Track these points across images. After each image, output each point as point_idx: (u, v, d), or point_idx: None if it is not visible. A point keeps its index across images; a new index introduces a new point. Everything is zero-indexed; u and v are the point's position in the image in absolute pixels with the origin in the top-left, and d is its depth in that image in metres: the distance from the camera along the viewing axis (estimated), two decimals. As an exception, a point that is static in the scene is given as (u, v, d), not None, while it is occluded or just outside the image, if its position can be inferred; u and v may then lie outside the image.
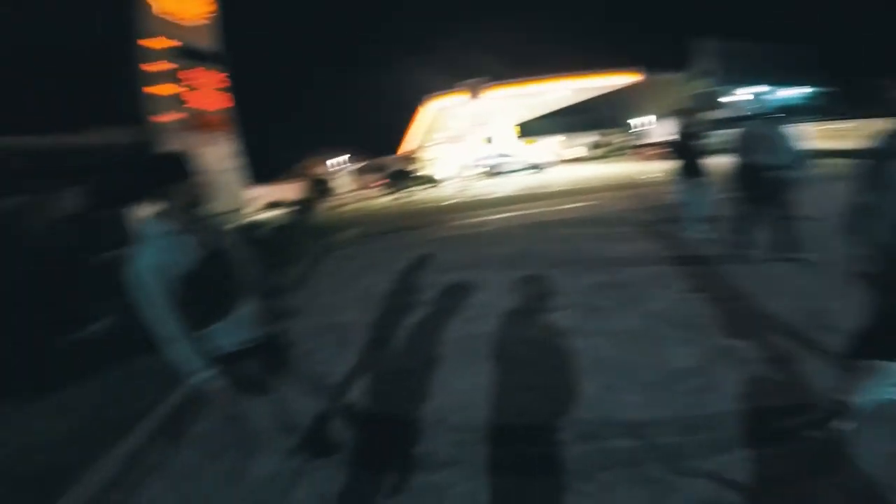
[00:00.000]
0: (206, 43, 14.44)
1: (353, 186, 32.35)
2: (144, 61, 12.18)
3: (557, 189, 13.66)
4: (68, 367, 3.98)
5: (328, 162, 35.32)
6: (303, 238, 8.69)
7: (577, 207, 9.26)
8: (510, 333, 3.51)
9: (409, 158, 30.73)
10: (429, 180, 23.89)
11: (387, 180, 22.85)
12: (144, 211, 1.68)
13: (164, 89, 12.80)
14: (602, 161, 26.12)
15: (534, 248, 6.19)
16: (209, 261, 1.67)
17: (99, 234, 6.78)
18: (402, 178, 22.32)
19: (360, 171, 34.21)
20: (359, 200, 21.54)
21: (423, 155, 31.35)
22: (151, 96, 12.36)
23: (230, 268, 1.78)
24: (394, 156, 36.86)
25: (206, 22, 14.67)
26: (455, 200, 14.75)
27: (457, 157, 29.77)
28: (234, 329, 1.76)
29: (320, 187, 10.68)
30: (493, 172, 23.73)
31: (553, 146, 31.96)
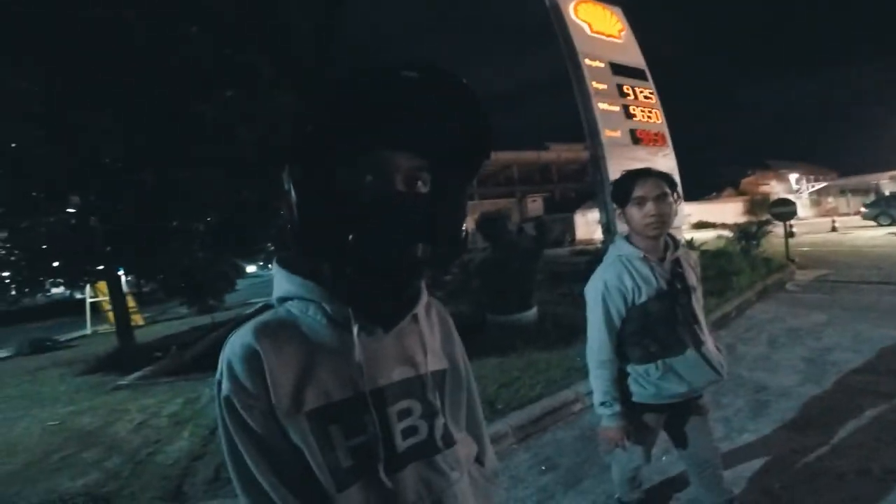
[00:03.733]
0: (633, 60, 14.54)
1: (817, 212, 25.43)
2: (592, 80, 13.37)
3: None
4: (501, 343, 4.58)
5: (790, 178, 29.20)
6: (746, 270, 7.08)
7: None
8: None
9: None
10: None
11: (874, 208, 16.65)
12: (621, 228, 1.65)
13: (611, 106, 13.70)
14: None
15: None
16: (670, 293, 1.53)
17: (546, 234, 7.80)
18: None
19: (828, 193, 26.55)
20: (828, 231, 16.69)
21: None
22: (601, 113, 13.43)
23: (690, 302, 1.57)
24: (888, 173, 26.55)
25: (629, 40, 14.83)
26: None
27: None
28: (684, 373, 1.54)
29: (778, 210, 8.48)
30: None
31: None
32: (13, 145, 5.12)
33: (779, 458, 2.38)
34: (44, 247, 5.99)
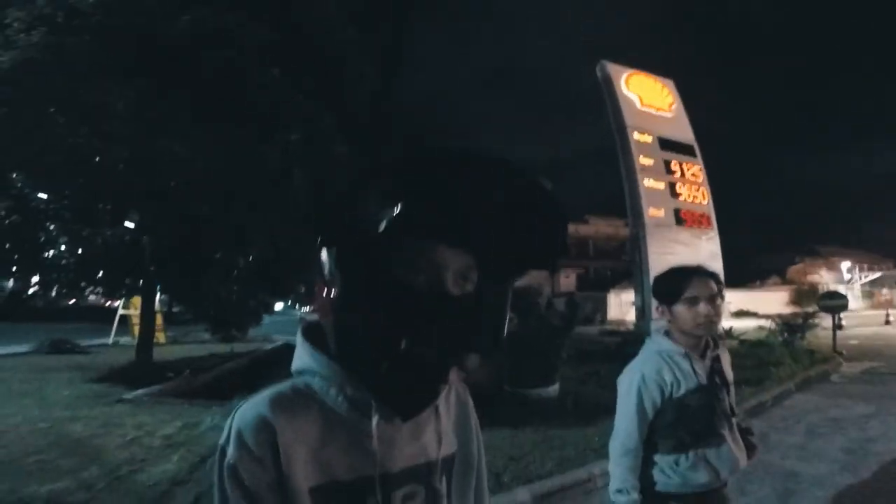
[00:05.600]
0: (682, 135, 13.89)
1: (870, 304, 23.87)
2: (639, 154, 13.00)
3: None
4: (516, 415, 4.37)
5: (842, 266, 27.77)
6: (787, 360, 6.67)
7: None
8: None
9: None
10: None
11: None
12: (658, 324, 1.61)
13: (656, 183, 13.20)
14: None
15: None
16: (710, 387, 1.50)
17: (577, 311, 7.58)
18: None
19: (883, 283, 24.94)
20: (881, 325, 15.91)
21: None
22: (646, 190, 12.94)
23: (728, 396, 1.55)
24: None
25: (679, 113, 14.19)
26: None
27: None
28: (716, 463, 1.49)
29: (828, 302, 8.06)
30: None
31: None
32: (97, 159, 5.59)
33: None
34: (95, 256, 6.36)
